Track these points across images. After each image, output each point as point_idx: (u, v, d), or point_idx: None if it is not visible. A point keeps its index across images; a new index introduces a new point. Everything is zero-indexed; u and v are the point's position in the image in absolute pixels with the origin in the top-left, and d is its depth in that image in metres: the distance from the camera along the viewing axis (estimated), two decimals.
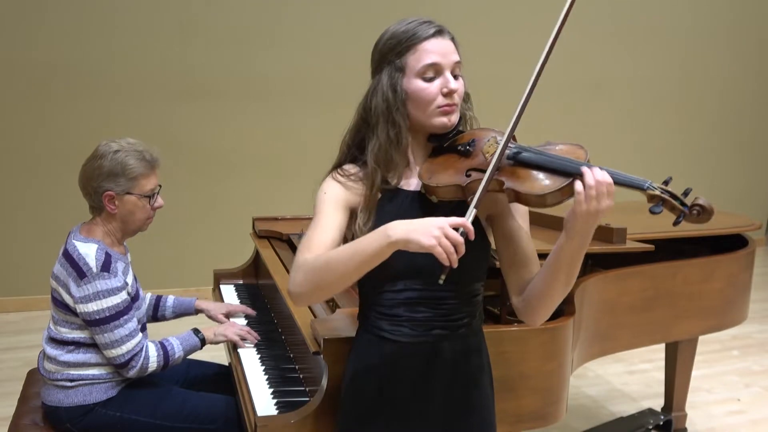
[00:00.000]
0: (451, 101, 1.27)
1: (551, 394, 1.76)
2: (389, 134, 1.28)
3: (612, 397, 3.26)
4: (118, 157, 1.83)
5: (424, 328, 1.31)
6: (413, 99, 1.27)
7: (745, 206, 6.03)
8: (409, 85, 1.27)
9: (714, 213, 1.10)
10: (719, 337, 3.89)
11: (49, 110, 4.26)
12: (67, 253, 1.83)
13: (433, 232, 1.08)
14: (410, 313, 1.30)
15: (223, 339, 2.03)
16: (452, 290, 1.30)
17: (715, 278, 2.45)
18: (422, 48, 1.26)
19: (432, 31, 1.26)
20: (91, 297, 1.78)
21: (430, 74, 1.26)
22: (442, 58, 1.26)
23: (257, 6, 4.54)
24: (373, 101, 1.30)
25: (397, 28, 1.29)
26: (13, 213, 4.29)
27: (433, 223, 1.09)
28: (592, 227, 1.15)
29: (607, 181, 1.11)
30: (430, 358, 1.32)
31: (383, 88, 1.28)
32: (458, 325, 1.33)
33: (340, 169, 1.35)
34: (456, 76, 1.28)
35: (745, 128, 6.39)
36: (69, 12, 4.19)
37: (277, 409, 1.63)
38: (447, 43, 1.28)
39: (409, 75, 1.27)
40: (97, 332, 1.81)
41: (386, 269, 1.24)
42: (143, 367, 1.85)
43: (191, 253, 4.51)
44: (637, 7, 5.63)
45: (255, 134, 4.65)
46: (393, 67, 1.28)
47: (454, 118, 1.29)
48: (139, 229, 1.95)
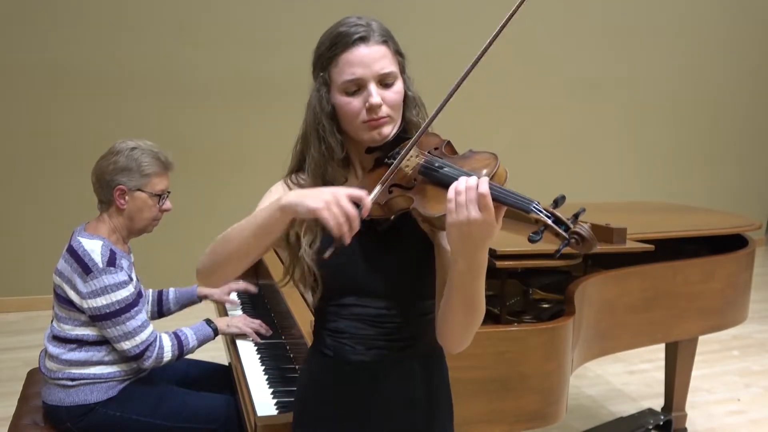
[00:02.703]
0: (376, 115, 1.16)
1: (551, 394, 1.76)
2: (321, 150, 1.21)
3: (612, 397, 3.26)
4: (134, 154, 1.88)
5: (364, 346, 1.22)
6: (339, 114, 1.20)
7: (744, 206, 6.04)
8: (335, 100, 1.19)
9: (595, 243, 0.95)
10: (719, 337, 3.89)
11: (52, 111, 4.26)
12: (72, 249, 1.83)
13: (325, 196, 1.01)
14: (353, 330, 1.22)
15: (236, 330, 2.05)
16: (394, 308, 1.21)
17: (715, 278, 2.45)
18: (343, 60, 1.16)
19: (354, 38, 1.15)
20: (99, 292, 1.79)
21: (352, 88, 1.16)
22: (363, 69, 1.15)
23: (259, 7, 4.54)
24: (307, 115, 1.24)
25: (325, 35, 1.21)
26: (14, 213, 4.30)
27: (328, 190, 1.03)
28: (471, 246, 1.01)
29: (476, 187, 0.97)
30: (370, 379, 1.23)
31: (313, 103, 1.22)
32: (402, 345, 1.23)
33: (294, 175, 1.29)
34: (387, 84, 1.18)
35: (744, 128, 6.40)
36: (74, 14, 4.19)
37: (277, 409, 1.63)
38: (372, 51, 1.16)
39: (333, 89, 1.19)
40: (107, 326, 1.81)
41: (331, 282, 1.21)
42: (158, 357, 1.87)
43: (191, 253, 4.48)
44: (635, 8, 5.63)
45: (255, 134, 4.65)
46: (319, 81, 1.21)
47: (386, 131, 1.18)
48: (145, 230, 1.97)
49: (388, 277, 1.20)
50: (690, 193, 5.93)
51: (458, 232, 0.99)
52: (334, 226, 1.00)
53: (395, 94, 1.19)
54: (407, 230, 1.20)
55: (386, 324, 1.22)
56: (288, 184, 1.28)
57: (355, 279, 1.21)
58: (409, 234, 1.20)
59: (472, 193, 0.98)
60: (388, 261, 1.20)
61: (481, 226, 0.98)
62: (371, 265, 1.20)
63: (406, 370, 1.24)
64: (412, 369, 1.25)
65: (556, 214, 0.98)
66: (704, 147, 6.24)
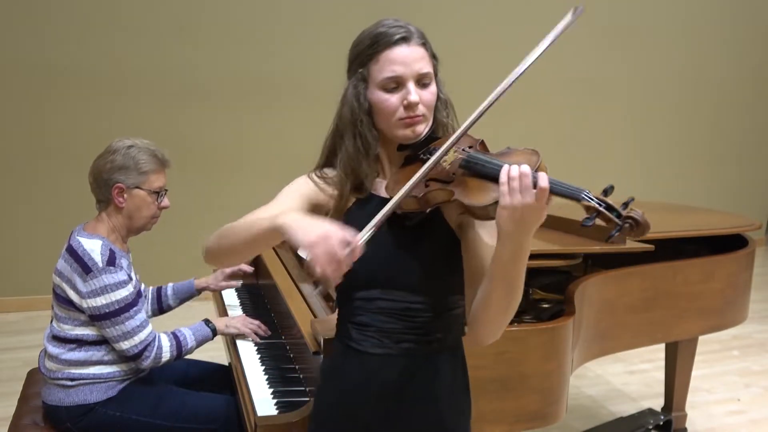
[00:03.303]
0: (414, 113, 1.21)
1: (551, 394, 1.76)
2: (356, 144, 1.25)
3: (612, 397, 3.26)
4: (131, 152, 1.88)
5: (392, 340, 1.24)
6: (376, 110, 1.23)
7: (744, 206, 6.03)
8: (372, 96, 1.23)
9: (649, 227, 1.00)
10: (719, 337, 3.89)
11: (51, 111, 4.26)
12: (71, 249, 1.83)
13: (317, 231, 1.02)
14: (379, 323, 1.25)
15: (234, 331, 2.05)
16: (425, 302, 1.24)
17: (715, 278, 2.45)
18: (384, 58, 1.20)
19: (396, 38, 1.20)
20: (99, 291, 1.79)
21: (391, 85, 1.21)
22: (403, 68, 1.20)
23: (258, 6, 4.54)
24: (342, 110, 1.27)
25: (365, 34, 1.25)
26: (14, 213, 4.29)
27: (323, 225, 1.03)
28: (521, 231, 1.05)
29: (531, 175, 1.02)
30: (396, 373, 1.25)
31: (349, 98, 1.25)
32: (430, 339, 1.26)
33: (319, 170, 1.33)
34: (425, 84, 1.23)
35: (745, 128, 6.39)
36: (72, 14, 4.19)
37: (277, 409, 1.63)
38: (413, 51, 1.21)
39: (371, 85, 1.23)
40: (107, 326, 1.81)
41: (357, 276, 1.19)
42: (157, 357, 1.87)
43: (191, 253, 4.48)
44: (635, 8, 5.63)
45: (255, 134, 4.65)
46: (358, 77, 1.24)
47: (420, 129, 1.23)
48: (144, 228, 1.97)
49: (417, 272, 1.23)
50: (690, 193, 5.93)
51: (510, 216, 1.03)
52: (320, 265, 1.00)
53: (431, 95, 1.24)
54: (435, 226, 1.23)
55: (414, 318, 1.24)
56: (313, 178, 1.32)
57: (383, 273, 1.23)
58: (437, 229, 1.24)
59: (527, 179, 1.01)
60: (417, 256, 1.23)
61: (533, 212, 1.02)
62: (400, 259, 1.23)
63: (433, 364, 1.27)
64: (438, 363, 1.27)
65: (607, 201, 1.02)
66: (704, 147, 6.24)
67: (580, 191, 1.04)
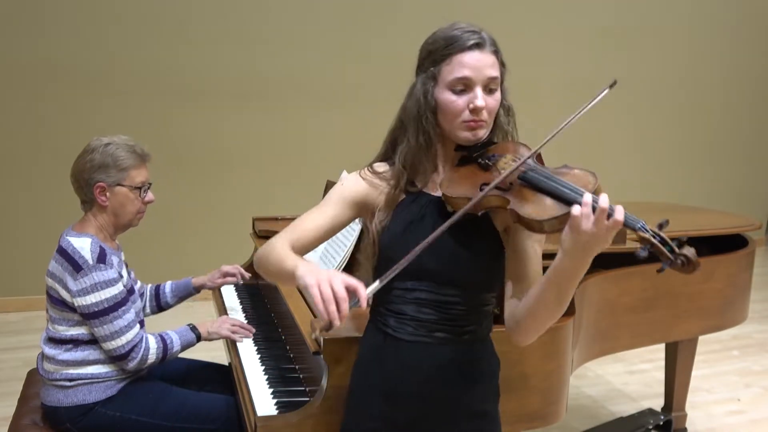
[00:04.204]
0: (477, 117, 1.26)
1: (551, 394, 1.76)
2: (419, 139, 1.30)
3: (612, 397, 3.26)
4: (108, 149, 1.87)
5: (426, 329, 1.31)
6: (441, 109, 1.28)
7: (745, 206, 6.04)
8: (440, 95, 1.27)
9: (699, 267, 1.03)
10: (719, 337, 3.89)
11: (49, 110, 4.26)
12: (61, 249, 1.83)
13: (320, 276, 1.09)
14: (416, 313, 1.31)
15: (216, 337, 2.03)
16: (461, 297, 1.30)
17: (715, 278, 2.45)
18: (457, 60, 1.25)
19: (470, 43, 1.24)
20: (89, 289, 1.78)
21: (460, 87, 1.25)
22: (474, 72, 1.24)
23: (255, 6, 4.54)
24: (408, 104, 1.31)
25: (440, 34, 1.29)
26: (13, 213, 4.29)
27: (329, 272, 1.10)
28: (584, 253, 1.10)
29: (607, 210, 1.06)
30: (429, 359, 1.32)
31: (417, 94, 1.29)
32: (462, 331, 1.32)
33: (370, 167, 1.38)
34: (491, 90, 1.27)
35: (745, 128, 6.39)
36: (67, 12, 4.18)
37: (277, 409, 1.63)
38: (484, 57, 1.25)
39: (440, 85, 1.27)
40: (95, 325, 1.81)
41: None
42: (143, 359, 1.86)
43: (191, 253, 4.51)
44: (637, 7, 5.63)
45: (255, 134, 4.65)
46: (428, 74, 1.28)
47: (481, 134, 1.28)
48: (131, 224, 1.96)
49: (460, 269, 1.29)
50: (690, 193, 5.93)
51: (577, 241, 1.08)
52: (319, 303, 1.07)
53: (495, 101, 1.29)
54: (483, 227, 1.29)
55: (449, 310, 1.31)
56: (365, 176, 1.37)
57: (428, 267, 1.28)
58: (484, 231, 1.30)
59: (603, 214, 1.05)
60: (463, 253, 1.28)
61: (602, 240, 1.07)
62: (446, 254, 1.28)
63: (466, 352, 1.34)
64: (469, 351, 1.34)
65: (662, 235, 1.06)
66: (704, 147, 6.24)
67: (637, 222, 1.07)
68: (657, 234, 1.06)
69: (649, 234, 1.06)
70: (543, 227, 1.14)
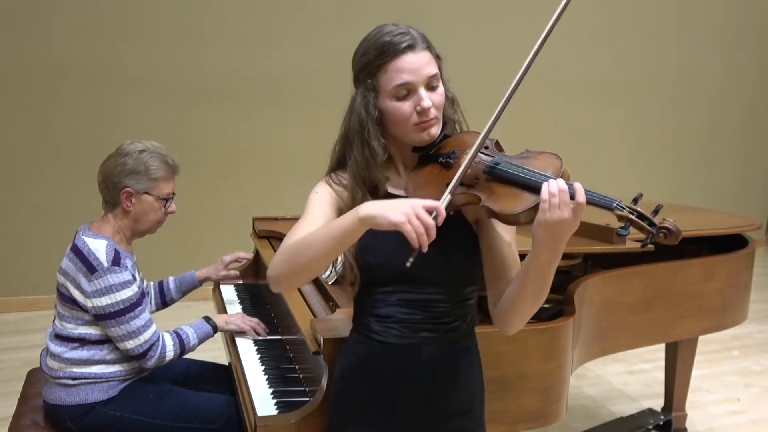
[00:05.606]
0: (427, 117, 1.25)
1: (551, 394, 1.76)
2: (364, 153, 1.28)
3: (612, 397, 3.26)
4: (142, 157, 1.88)
5: (412, 330, 1.31)
6: (389, 118, 1.27)
7: (744, 206, 6.03)
8: (384, 105, 1.26)
9: (681, 235, 1.06)
10: (719, 337, 3.89)
11: (54, 110, 4.26)
12: (76, 248, 1.84)
13: (405, 210, 1.07)
14: (399, 315, 1.30)
15: (234, 327, 2.07)
16: (444, 294, 1.30)
17: (715, 278, 2.45)
18: (392, 67, 1.23)
19: (402, 47, 1.22)
20: (104, 291, 1.79)
21: (402, 93, 1.24)
22: (413, 75, 1.23)
23: (260, 7, 4.54)
24: (351, 119, 1.30)
25: (370, 44, 1.26)
26: (14, 213, 4.29)
27: (406, 203, 1.08)
28: (557, 241, 1.12)
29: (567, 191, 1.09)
30: (415, 359, 1.31)
31: (358, 108, 1.27)
32: (447, 328, 1.32)
33: (334, 174, 1.36)
34: (433, 87, 1.26)
35: (744, 128, 6.40)
36: (78, 12, 4.19)
37: (277, 409, 1.63)
38: (419, 57, 1.24)
39: (382, 94, 1.25)
40: (111, 326, 1.82)
41: (382, 271, 1.28)
42: (161, 356, 1.87)
43: (191, 253, 4.51)
44: (632, 8, 5.63)
45: (255, 134, 4.65)
46: (366, 86, 1.26)
47: (434, 131, 1.28)
48: (149, 231, 1.98)
49: (439, 266, 1.28)
50: (690, 193, 5.93)
51: (549, 229, 1.10)
52: (414, 238, 1.06)
53: (440, 96, 1.28)
54: (454, 221, 1.26)
55: (433, 309, 1.31)
56: (329, 183, 1.35)
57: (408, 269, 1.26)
58: (457, 225, 1.29)
59: (565, 196, 1.08)
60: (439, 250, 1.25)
61: (570, 225, 1.10)
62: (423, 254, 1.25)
63: (450, 349, 1.34)
64: (455, 348, 1.34)
65: (639, 210, 1.07)
66: (704, 147, 6.24)
67: (612, 201, 1.08)
68: (633, 210, 1.07)
69: (626, 211, 1.07)
70: (519, 219, 1.15)
